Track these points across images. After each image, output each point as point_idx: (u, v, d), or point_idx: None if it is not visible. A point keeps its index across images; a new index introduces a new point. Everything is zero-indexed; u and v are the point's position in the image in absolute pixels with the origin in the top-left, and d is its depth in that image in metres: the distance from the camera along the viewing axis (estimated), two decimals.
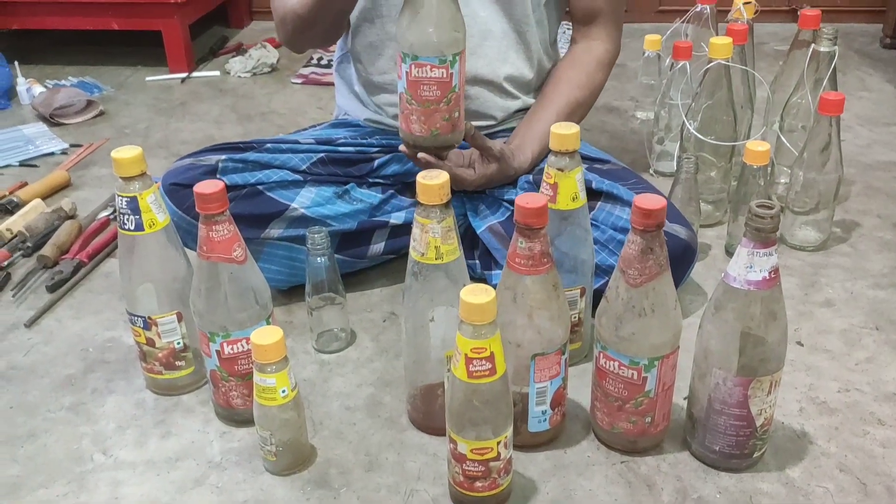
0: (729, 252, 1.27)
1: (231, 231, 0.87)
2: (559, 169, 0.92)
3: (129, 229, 0.90)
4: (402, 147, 1.01)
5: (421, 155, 0.98)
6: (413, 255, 0.85)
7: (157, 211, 0.91)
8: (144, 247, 0.92)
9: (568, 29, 1.27)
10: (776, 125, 1.40)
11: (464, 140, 1.03)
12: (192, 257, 0.92)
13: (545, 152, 1.08)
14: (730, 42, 1.24)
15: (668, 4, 2.40)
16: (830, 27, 1.27)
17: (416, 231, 0.84)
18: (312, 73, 2.13)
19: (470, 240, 1.17)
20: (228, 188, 1.07)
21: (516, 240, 0.82)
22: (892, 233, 1.30)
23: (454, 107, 0.96)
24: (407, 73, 0.93)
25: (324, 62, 2.20)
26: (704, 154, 1.32)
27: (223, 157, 1.11)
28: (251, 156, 1.13)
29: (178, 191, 1.07)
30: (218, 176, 1.09)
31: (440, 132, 0.97)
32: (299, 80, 2.09)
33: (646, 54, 1.73)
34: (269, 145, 1.16)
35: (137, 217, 0.90)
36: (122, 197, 0.89)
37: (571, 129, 0.91)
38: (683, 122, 1.30)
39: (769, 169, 1.27)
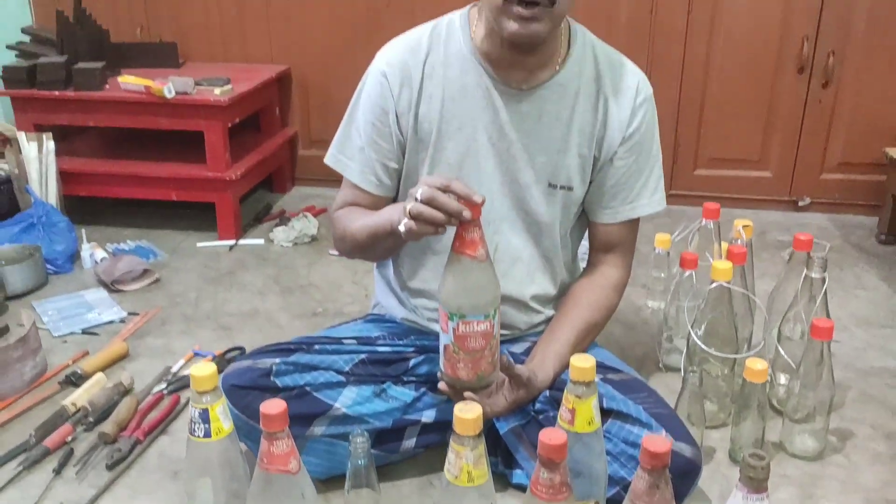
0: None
1: (289, 445, 0.99)
2: (577, 396, 1.05)
3: (198, 436, 1.03)
4: (442, 385, 1.14)
5: (467, 394, 1.11)
6: (447, 476, 0.96)
7: (223, 420, 1.04)
8: (209, 449, 1.04)
9: None
10: (775, 331, 1.54)
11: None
12: (245, 451, 1.03)
13: (564, 368, 1.22)
14: (730, 266, 1.40)
15: (676, 189, 2.60)
16: (821, 256, 1.42)
17: (450, 455, 0.96)
18: None
19: (493, 438, 1.28)
20: (280, 389, 1.22)
21: (539, 469, 0.94)
22: (885, 444, 1.40)
23: (495, 350, 1.10)
24: (454, 329, 1.07)
25: None
26: (709, 359, 1.45)
27: (277, 360, 1.25)
28: (301, 358, 1.27)
29: (237, 391, 1.20)
30: (272, 378, 1.23)
31: (485, 374, 1.11)
32: (336, 253, 2.27)
33: (656, 251, 1.91)
34: (316, 346, 1.30)
35: (207, 426, 1.02)
36: (195, 408, 1.02)
37: (589, 362, 1.04)
38: (689, 332, 1.44)
39: (768, 380, 1.39)
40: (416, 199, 1.05)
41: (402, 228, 1.08)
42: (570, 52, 1.25)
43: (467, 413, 0.94)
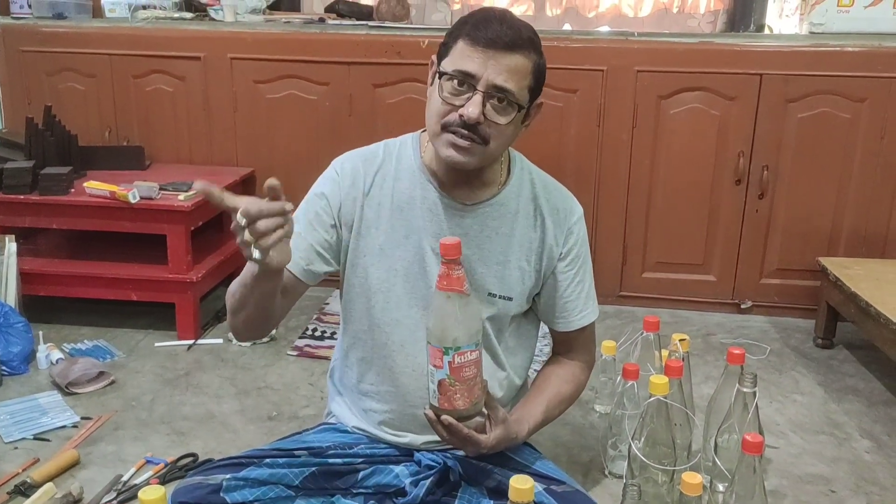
0: None
1: None
2: None
3: None
4: (428, 412, 1.19)
5: (444, 417, 1.17)
6: None
7: None
8: None
9: None
10: (712, 441, 1.60)
11: None
12: None
13: (537, 429, 1.38)
14: (666, 381, 1.47)
15: (626, 291, 2.70)
16: (751, 373, 1.51)
17: None
18: (307, 345, 2.35)
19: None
20: None
21: None
22: None
23: (482, 376, 1.20)
24: (450, 362, 1.14)
25: (317, 333, 2.44)
26: (649, 468, 1.51)
27: (227, 475, 1.27)
28: (252, 473, 1.29)
29: None
30: (221, 494, 1.25)
31: (478, 400, 1.19)
32: (294, 353, 2.31)
33: (603, 357, 1.98)
34: (267, 460, 1.33)
35: None
36: None
37: (527, 484, 1.09)
38: (630, 445, 1.50)
39: (706, 489, 1.45)
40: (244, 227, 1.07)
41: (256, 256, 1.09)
42: (510, 176, 1.38)
43: None
